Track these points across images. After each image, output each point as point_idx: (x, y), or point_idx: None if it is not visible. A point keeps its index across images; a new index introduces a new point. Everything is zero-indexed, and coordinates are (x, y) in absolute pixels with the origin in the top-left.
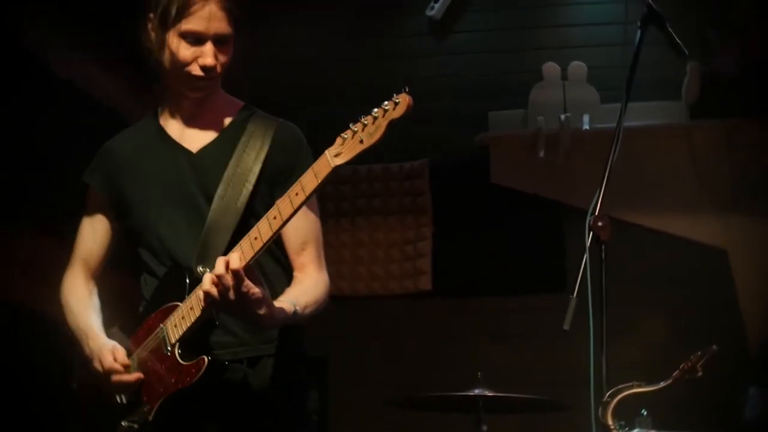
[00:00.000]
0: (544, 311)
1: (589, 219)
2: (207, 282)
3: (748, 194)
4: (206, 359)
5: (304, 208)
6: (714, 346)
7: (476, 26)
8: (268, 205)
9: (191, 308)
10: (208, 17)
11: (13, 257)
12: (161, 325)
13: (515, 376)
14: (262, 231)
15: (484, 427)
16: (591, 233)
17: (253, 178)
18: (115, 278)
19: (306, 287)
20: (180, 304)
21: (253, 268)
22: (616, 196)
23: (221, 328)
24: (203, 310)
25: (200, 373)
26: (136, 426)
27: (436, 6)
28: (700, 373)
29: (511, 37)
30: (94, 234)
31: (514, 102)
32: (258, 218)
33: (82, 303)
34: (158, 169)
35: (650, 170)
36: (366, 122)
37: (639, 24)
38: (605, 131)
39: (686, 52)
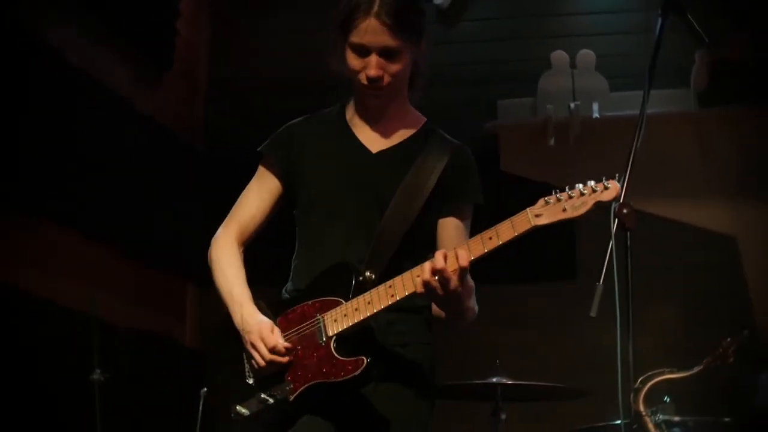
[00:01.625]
0: (556, 298)
1: (614, 206)
2: (427, 272)
3: (757, 181)
4: (365, 360)
5: (464, 228)
6: (745, 332)
7: (484, 14)
8: (434, 219)
9: (356, 309)
10: (370, 31)
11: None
12: (318, 315)
13: (532, 364)
14: (472, 247)
15: (503, 415)
16: (616, 220)
17: (427, 192)
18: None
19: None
20: (343, 301)
21: None
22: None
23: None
24: (369, 316)
25: (357, 372)
26: (271, 401)
27: None
28: (732, 359)
29: (519, 25)
30: (260, 202)
31: (523, 90)
32: (424, 230)
33: (236, 269)
34: (338, 160)
35: (659, 158)
36: (573, 195)
37: (659, 11)
38: (614, 119)
39: (706, 39)
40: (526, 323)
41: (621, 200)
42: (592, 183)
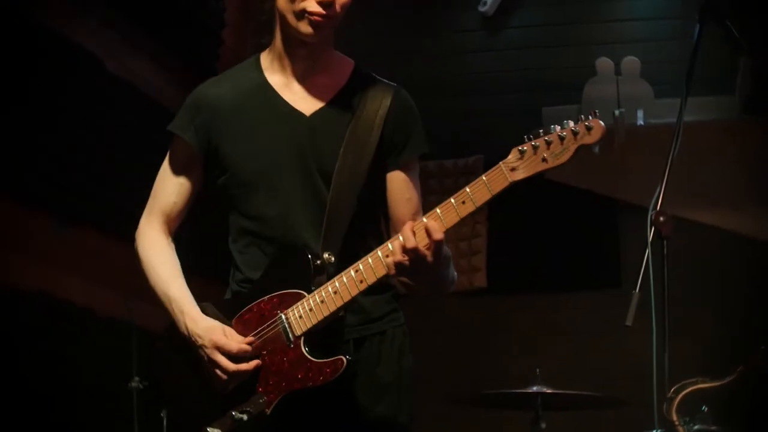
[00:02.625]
0: (600, 307)
1: (651, 214)
2: (398, 253)
3: None
4: (344, 360)
5: (413, 179)
6: None
7: (528, 22)
8: (382, 178)
9: (322, 301)
10: None
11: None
12: (279, 312)
13: (572, 373)
14: (444, 215)
15: (543, 424)
16: (653, 228)
17: (372, 150)
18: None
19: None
20: (305, 293)
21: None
22: (669, 192)
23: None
24: (339, 308)
25: (337, 374)
26: (245, 417)
27: (489, 2)
28: (765, 368)
29: (563, 32)
30: (179, 187)
31: (567, 97)
32: (375, 192)
33: (170, 266)
34: (268, 130)
35: (703, 166)
36: (551, 141)
37: (698, 18)
38: (660, 126)
39: (745, 46)
40: (568, 332)
41: (658, 208)
42: (571, 124)
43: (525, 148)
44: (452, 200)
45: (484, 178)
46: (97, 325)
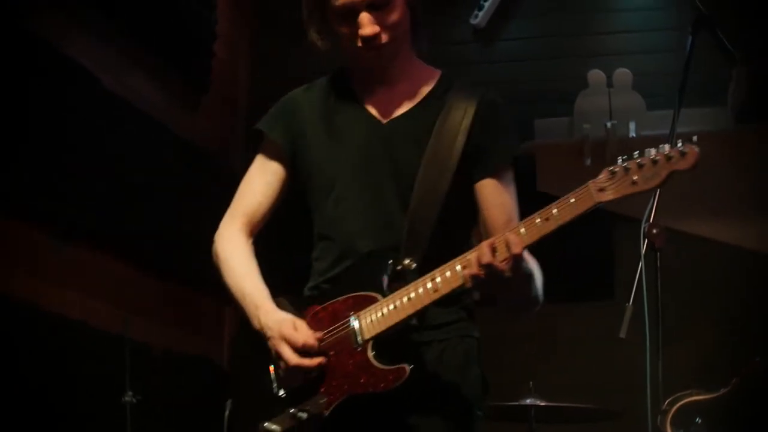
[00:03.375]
0: (594, 319)
1: (644, 226)
2: (474, 266)
3: None
4: (407, 369)
5: (504, 185)
6: None
7: (520, 34)
8: (470, 185)
9: (395, 307)
10: None
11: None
12: (351, 313)
13: (566, 385)
14: (526, 230)
15: None
16: (646, 240)
17: (456, 159)
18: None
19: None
20: (380, 297)
21: None
22: (663, 204)
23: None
24: (410, 316)
25: (399, 383)
26: (305, 416)
27: (480, 14)
28: (760, 380)
29: (555, 44)
30: (266, 188)
31: (559, 110)
32: (461, 201)
33: (246, 265)
34: (347, 137)
35: (697, 177)
36: (643, 164)
37: (690, 29)
38: (652, 138)
39: (737, 56)
40: (562, 344)
41: (651, 220)
42: (666, 148)
43: (616, 169)
44: (536, 216)
45: (571, 197)
46: (90, 339)
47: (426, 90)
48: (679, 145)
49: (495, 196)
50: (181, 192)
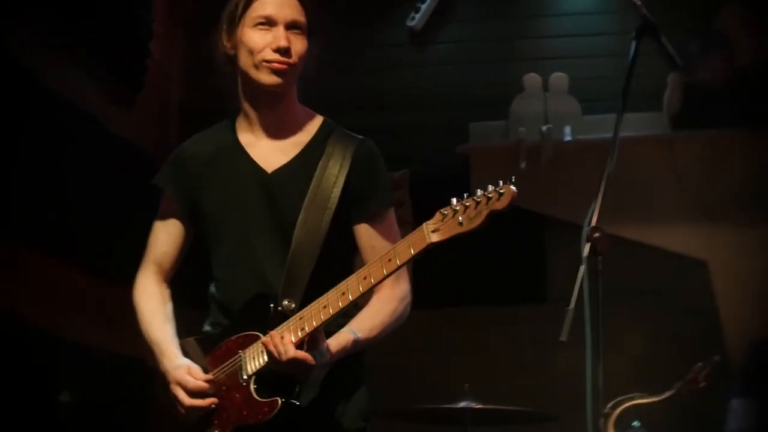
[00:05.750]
0: (526, 322)
1: (586, 230)
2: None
3: (730, 206)
4: (279, 402)
5: (386, 223)
6: (716, 357)
7: (457, 37)
8: (347, 229)
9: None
10: (276, 2)
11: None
12: (240, 351)
13: (502, 388)
14: (350, 287)
15: None
16: (588, 244)
17: (333, 204)
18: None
19: (373, 310)
20: (261, 335)
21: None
22: (601, 207)
23: None
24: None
25: (271, 415)
26: None
27: (417, 17)
28: (703, 384)
29: (491, 47)
30: (168, 237)
31: (495, 113)
32: (340, 244)
33: (155, 311)
34: (234, 187)
35: (632, 181)
36: (468, 204)
37: (634, 35)
38: (587, 143)
39: (680, 63)
40: (496, 347)
41: (593, 224)
42: (490, 188)
43: (447, 211)
44: (381, 258)
45: (409, 238)
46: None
47: (307, 139)
48: (499, 185)
49: (369, 239)
50: (113, 188)
